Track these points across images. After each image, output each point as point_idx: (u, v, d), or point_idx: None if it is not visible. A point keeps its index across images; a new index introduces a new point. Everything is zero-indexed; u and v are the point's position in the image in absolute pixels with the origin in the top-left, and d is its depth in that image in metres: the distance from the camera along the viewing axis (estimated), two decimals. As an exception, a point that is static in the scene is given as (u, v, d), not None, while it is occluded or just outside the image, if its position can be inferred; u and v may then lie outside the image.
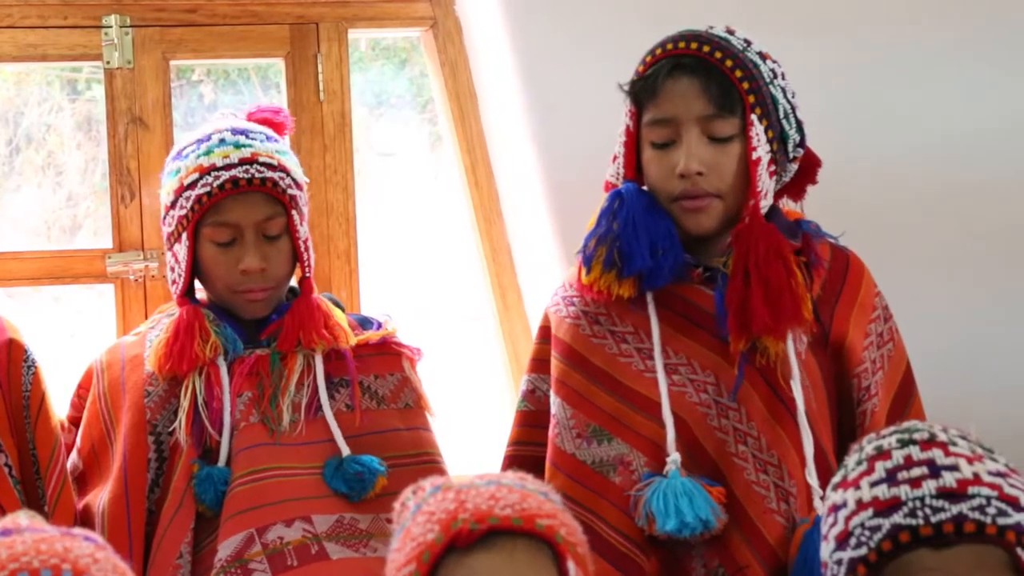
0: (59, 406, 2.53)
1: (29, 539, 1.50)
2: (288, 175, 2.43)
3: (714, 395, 2.31)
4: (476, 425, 3.36)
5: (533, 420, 2.46)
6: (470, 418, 3.37)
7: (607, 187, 2.40)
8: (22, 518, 1.57)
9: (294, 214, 2.44)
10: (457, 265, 3.50)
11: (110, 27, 3.01)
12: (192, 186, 2.40)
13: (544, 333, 2.47)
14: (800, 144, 2.38)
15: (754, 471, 2.28)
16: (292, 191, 2.43)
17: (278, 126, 2.55)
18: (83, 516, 2.45)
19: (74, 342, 3.60)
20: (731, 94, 2.29)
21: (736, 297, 2.28)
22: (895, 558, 1.63)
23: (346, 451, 2.41)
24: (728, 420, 2.30)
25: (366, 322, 2.56)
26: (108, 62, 3.01)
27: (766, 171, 2.31)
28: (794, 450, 2.28)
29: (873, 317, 2.41)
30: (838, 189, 2.57)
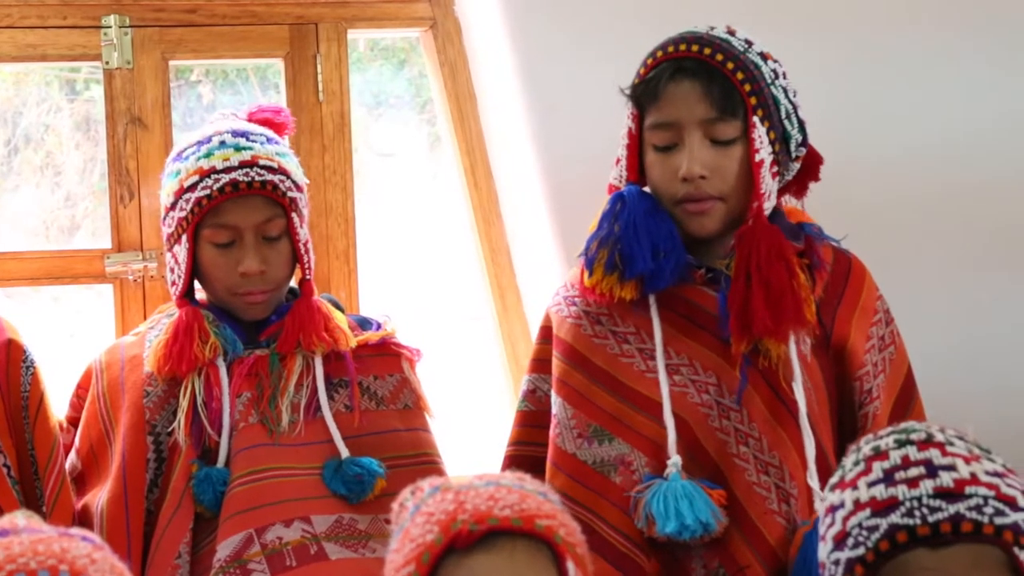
0: (58, 406, 2.53)
1: (26, 540, 1.50)
2: (288, 177, 2.43)
3: (715, 396, 2.31)
4: (475, 426, 3.36)
5: (533, 420, 2.46)
6: (469, 419, 3.36)
7: (610, 189, 2.40)
8: (19, 518, 1.56)
9: (294, 216, 2.43)
10: (456, 266, 3.49)
11: (109, 27, 3.00)
12: (192, 188, 2.40)
13: (545, 333, 2.47)
14: (802, 143, 2.38)
15: (755, 472, 2.28)
16: (292, 193, 2.43)
17: (279, 126, 2.54)
18: (81, 516, 2.45)
19: (73, 342, 3.59)
20: (733, 97, 2.29)
21: (737, 299, 2.28)
22: (892, 558, 1.63)
23: (345, 453, 2.41)
24: (729, 421, 2.30)
25: (365, 323, 2.56)
26: (107, 62, 3.01)
27: (768, 172, 2.31)
28: (795, 451, 2.28)
29: (875, 320, 2.41)
30: (839, 188, 2.57)
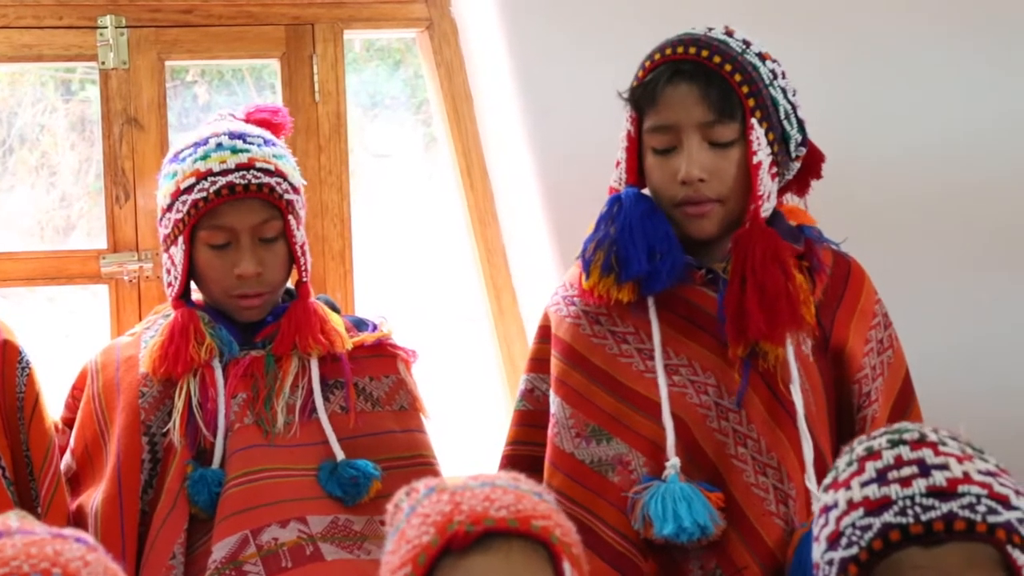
0: (53, 407, 2.53)
1: (19, 542, 1.49)
2: (285, 180, 2.42)
3: (714, 397, 2.30)
4: (471, 427, 3.36)
5: (532, 420, 2.46)
6: (465, 420, 3.36)
7: (610, 192, 2.39)
8: (12, 519, 1.55)
9: (291, 219, 2.43)
10: (452, 266, 3.49)
11: (105, 28, 3.00)
12: (189, 190, 2.39)
13: (544, 332, 2.46)
14: (802, 143, 2.37)
15: (753, 473, 2.28)
16: (289, 196, 2.42)
17: (276, 127, 2.54)
18: (76, 516, 2.44)
19: (68, 343, 3.59)
20: (731, 99, 2.29)
21: (733, 302, 2.28)
22: (886, 557, 1.62)
23: (340, 455, 2.41)
24: (728, 422, 2.30)
25: (361, 324, 2.56)
26: (103, 63, 3.01)
27: (767, 174, 2.31)
28: (794, 453, 2.28)
29: (873, 324, 2.41)
30: (839, 188, 2.57)
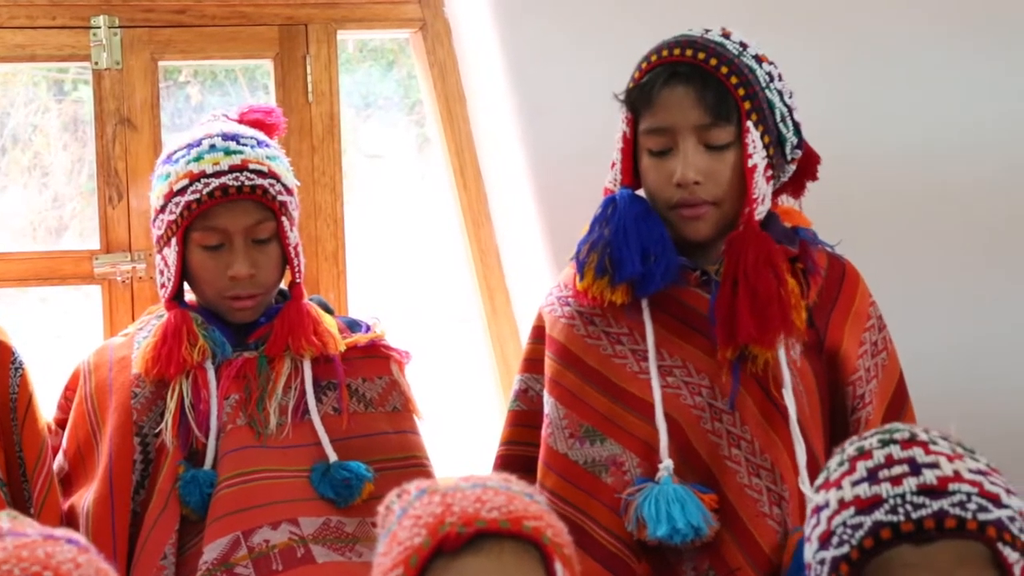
0: (45, 407, 2.52)
1: (10, 545, 1.49)
2: (278, 181, 2.42)
3: (708, 398, 2.31)
4: (464, 428, 3.36)
5: (525, 420, 2.46)
6: (458, 421, 3.36)
7: (606, 193, 2.39)
8: (4, 520, 1.55)
9: (284, 220, 2.43)
10: (445, 267, 3.49)
11: (98, 28, 3.00)
12: (182, 192, 2.39)
13: (538, 333, 2.46)
14: (798, 145, 2.37)
15: (747, 475, 2.28)
16: (282, 197, 2.42)
17: (270, 127, 2.54)
18: (68, 517, 2.44)
19: (60, 343, 3.59)
20: (727, 102, 2.29)
21: (724, 305, 2.28)
22: (877, 555, 1.63)
23: (333, 457, 2.40)
24: (722, 424, 2.30)
25: (354, 325, 2.56)
26: (96, 63, 3.01)
27: (762, 177, 2.31)
28: (787, 454, 2.28)
29: (868, 326, 2.41)
30: (838, 188, 2.57)
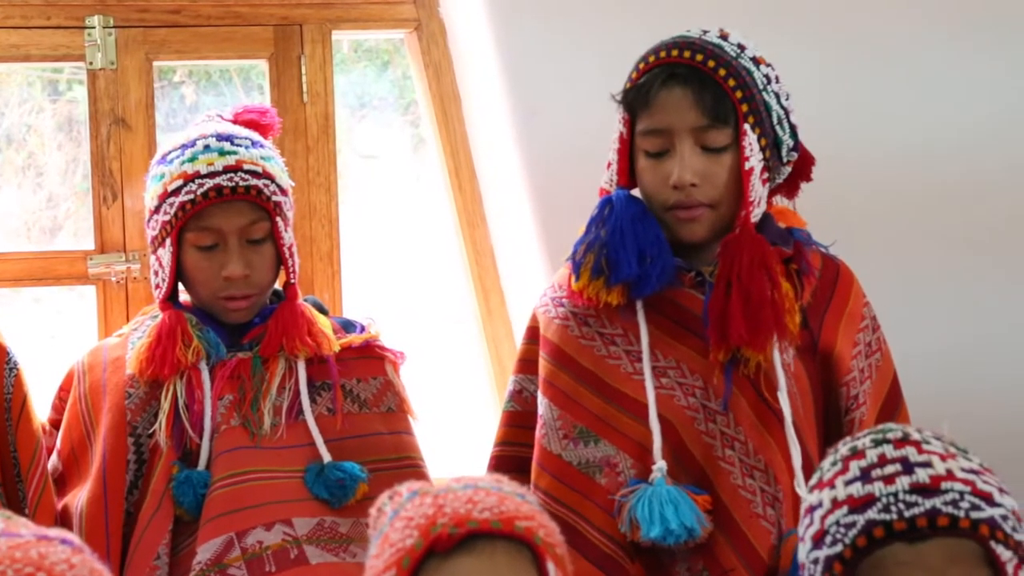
0: (40, 407, 2.52)
1: (3, 545, 1.48)
2: (273, 182, 2.42)
3: (702, 399, 2.31)
4: (459, 428, 3.36)
5: (520, 420, 2.46)
6: (453, 421, 3.36)
7: (601, 193, 2.39)
8: (-4, 520, 1.55)
9: (278, 220, 2.43)
10: (440, 268, 3.49)
11: (93, 28, 3.00)
12: (176, 192, 2.39)
13: (532, 333, 2.46)
14: (794, 148, 2.37)
15: (740, 475, 2.28)
16: (277, 198, 2.42)
17: (265, 128, 2.54)
18: (62, 516, 2.44)
19: (55, 343, 3.59)
20: (724, 104, 2.28)
21: (716, 307, 2.28)
22: (870, 554, 1.63)
23: (327, 458, 2.40)
24: (715, 424, 2.30)
25: (349, 325, 2.56)
26: (91, 63, 3.01)
27: (759, 180, 2.31)
28: (781, 455, 2.28)
29: (861, 327, 2.41)
30: (837, 188, 2.57)
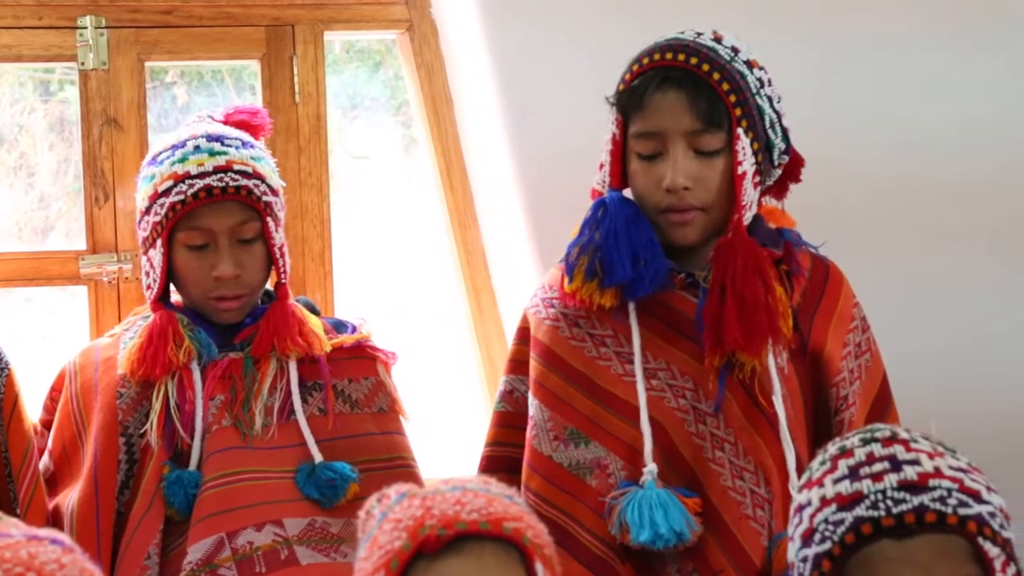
0: (31, 407, 2.52)
1: (-6, 545, 1.49)
2: (263, 182, 2.43)
3: (692, 401, 2.31)
4: (450, 428, 3.36)
5: (511, 421, 2.46)
6: (444, 421, 3.36)
7: (593, 194, 2.39)
8: (-12, 520, 1.55)
9: (269, 220, 2.43)
10: (431, 268, 3.49)
11: (85, 28, 3.00)
12: (166, 193, 2.40)
13: (522, 334, 2.46)
14: (785, 151, 2.38)
15: (730, 477, 2.28)
16: (267, 198, 2.43)
17: (255, 128, 2.54)
18: (53, 516, 2.44)
19: (46, 344, 3.58)
20: (718, 108, 2.28)
21: (711, 312, 2.28)
22: (858, 551, 1.64)
23: (318, 458, 2.41)
24: (706, 426, 2.30)
25: (341, 326, 2.56)
26: (83, 63, 3.00)
27: (751, 183, 2.31)
28: (771, 457, 2.29)
29: (851, 327, 2.42)
30: (836, 187, 2.57)
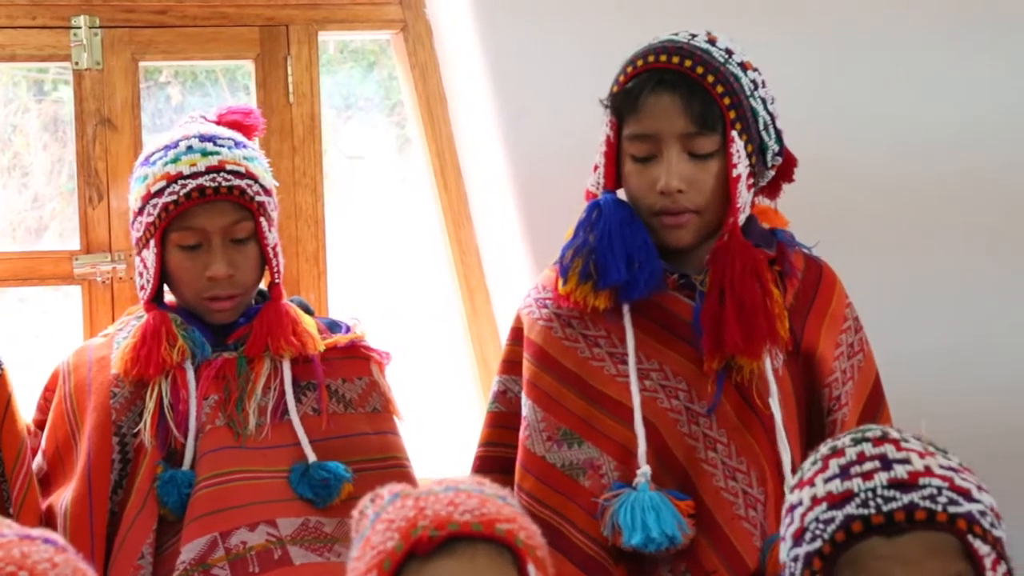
0: (25, 407, 2.52)
1: (-13, 545, 1.49)
2: (256, 182, 2.43)
3: (685, 402, 2.31)
4: (444, 428, 3.36)
5: (504, 421, 2.46)
6: (438, 421, 3.36)
7: (587, 196, 2.39)
8: (-19, 520, 1.56)
9: (262, 220, 2.43)
10: (425, 268, 3.49)
11: (79, 28, 3.00)
12: (159, 193, 2.40)
13: (516, 334, 2.47)
14: (779, 153, 2.38)
15: (723, 478, 2.28)
16: (260, 198, 2.43)
17: (248, 128, 2.54)
18: (46, 516, 2.44)
19: (40, 344, 3.58)
20: (712, 111, 2.29)
21: (710, 316, 2.28)
22: (848, 549, 1.65)
23: (312, 458, 2.41)
24: (698, 427, 2.30)
25: (334, 326, 2.56)
26: (77, 63, 3.00)
27: (745, 186, 2.32)
28: (764, 458, 2.29)
29: (844, 328, 2.42)
30: (835, 187, 2.57)
